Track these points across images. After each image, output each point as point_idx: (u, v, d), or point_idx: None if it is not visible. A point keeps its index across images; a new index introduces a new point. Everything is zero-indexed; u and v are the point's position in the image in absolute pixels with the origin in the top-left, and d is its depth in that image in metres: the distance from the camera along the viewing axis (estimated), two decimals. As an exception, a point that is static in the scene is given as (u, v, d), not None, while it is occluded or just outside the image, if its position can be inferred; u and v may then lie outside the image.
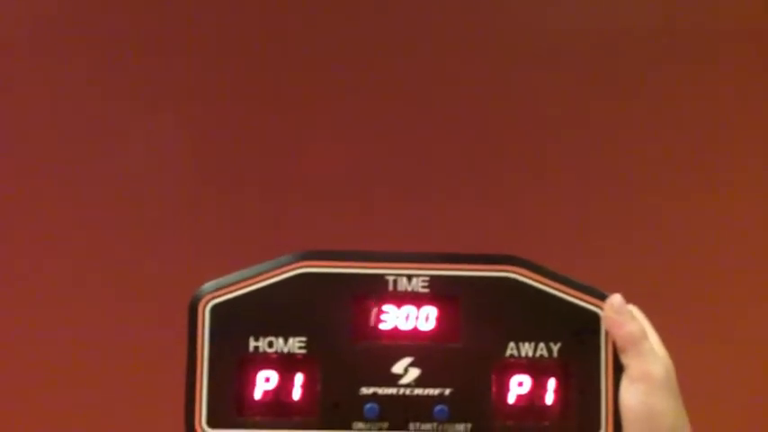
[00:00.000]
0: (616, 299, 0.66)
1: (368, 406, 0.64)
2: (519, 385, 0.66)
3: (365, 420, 0.64)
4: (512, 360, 0.65)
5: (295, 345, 0.64)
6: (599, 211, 1.56)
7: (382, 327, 0.65)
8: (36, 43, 1.54)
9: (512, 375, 0.66)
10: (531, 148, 1.57)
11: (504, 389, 0.65)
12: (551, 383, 0.66)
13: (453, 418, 0.64)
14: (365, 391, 0.64)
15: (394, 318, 0.66)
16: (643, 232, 1.55)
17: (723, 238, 1.57)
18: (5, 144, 1.52)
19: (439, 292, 0.65)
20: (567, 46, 1.59)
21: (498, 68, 1.58)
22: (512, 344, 0.65)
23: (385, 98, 1.56)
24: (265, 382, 0.64)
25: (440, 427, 0.64)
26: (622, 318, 0.65)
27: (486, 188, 1.55)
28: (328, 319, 0.65)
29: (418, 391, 0.65)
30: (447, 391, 0.65)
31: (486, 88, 1.57)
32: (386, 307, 0.65)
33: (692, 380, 0.70)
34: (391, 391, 0.64)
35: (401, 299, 0.65)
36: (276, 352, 0.64)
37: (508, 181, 1.56)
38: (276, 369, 0.65)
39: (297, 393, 0.65)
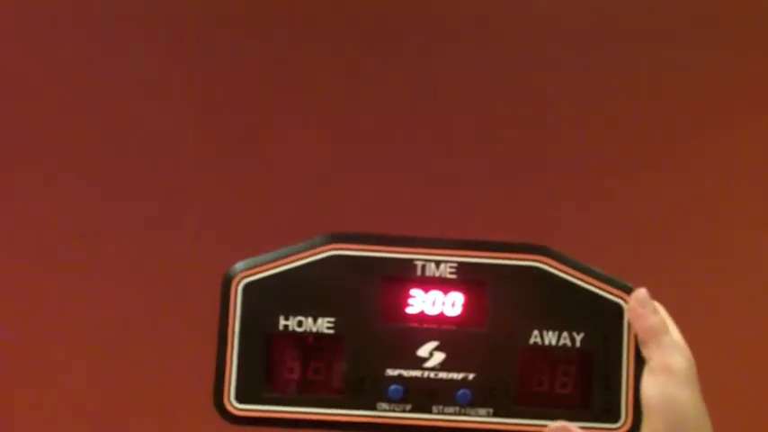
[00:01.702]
0: (641, 292, 0.67)
1: (392, 387, 0.65)
2: (541, 373, 0.67)
3: (389, 401, 0.65)
4: (535, 348, 0.66)
5: (324, 325, 0.66)
6: (632, 201, 1.57)
7: (409, 310, 0.66)
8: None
9: (535, 363, 0.67)
10: (564, 138, 1.57)
11: (527, 376, 0.67)
12: (573, 372, 0.67)
13: (476, 402, 0.65)
14: (390, 372, 0.65)
15: (421, 302, 0.67)
16: (674, 226, 1.56)
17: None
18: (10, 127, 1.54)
19: (466, 279, 0.67)
20: (591, 32, 1.60)
21: (533, 53, 1.59)
22: (536, 332, 0.66)
23: (411, 87, 1.57)
24: (293, 360, 0.66)
25: (462, 410, 0.65)
26: (646, 310, 0.66)
27: (517, 176, 1.56)
28: (357, 300, 0.66)
29: (442, 375, 0.66)
30: (470, 376, 0.66)
31: (519, 74, 1.58)
32: (413, 291, 0.67)
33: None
34: (416, 373, 0.66)
35: (429, 284, 0.67)
36: (305, 331, 0.66)
37: (539, 168, 1.57)
38: (304, 348, 0.66)
39: (323, 372, 0.66)
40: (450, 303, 0.67)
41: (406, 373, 0.65)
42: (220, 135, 1.56)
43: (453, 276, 0.67)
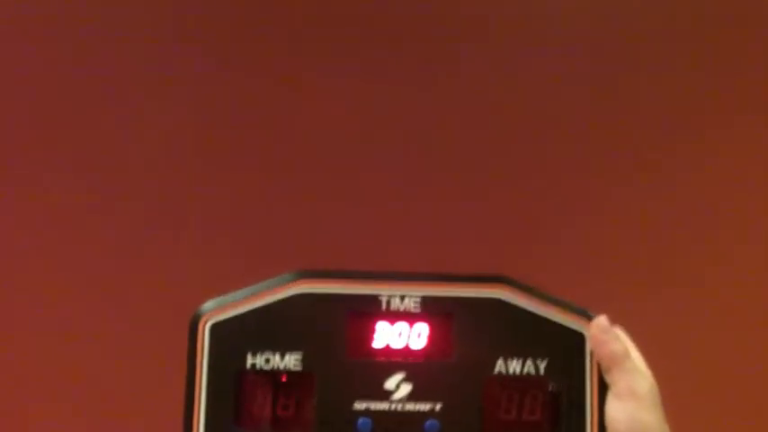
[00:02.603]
0: (602, 320, 0.68)
1: (361, 420, 0.66)
2: (507, 401, 0.68)
3: None
4: (500, 377, 0.68)
5: (291, 361, 0.67)
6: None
7: (375, 344, 0.68)
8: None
9: (500, 391, 0.68)
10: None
11: (493, 404, 0.68)
12: (538, 399, 0.68)
13: None
14: (358, 406, 0.67)
15: (387, 335, 0.68)
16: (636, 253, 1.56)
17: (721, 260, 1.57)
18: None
19: (430, 311, 0.68)
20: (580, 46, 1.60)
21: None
22: (500, 361, 0.68)
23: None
24: (262, 397, 0.67)
25: None
26: (607, 337, 0.68)
27: (480, 202, 1.56)
28: (323, 336, 0.67)
29: (410, 407, 0.67)
30: (437, 407, 0.67)
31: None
32: (379, 325, 0.68)
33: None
34: (384, 406, 0.67)
35: (394, 317, 0.68)
36: (273, 368, 0.67)
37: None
38: (272, 384, 0.67)
39: (292, 408, 0.67)
40: (416, 335, 0.68)
41: (373, 405, 0.67)
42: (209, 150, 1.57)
43: (417, 310, 0.68)
